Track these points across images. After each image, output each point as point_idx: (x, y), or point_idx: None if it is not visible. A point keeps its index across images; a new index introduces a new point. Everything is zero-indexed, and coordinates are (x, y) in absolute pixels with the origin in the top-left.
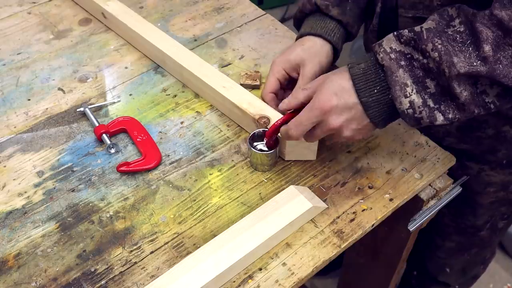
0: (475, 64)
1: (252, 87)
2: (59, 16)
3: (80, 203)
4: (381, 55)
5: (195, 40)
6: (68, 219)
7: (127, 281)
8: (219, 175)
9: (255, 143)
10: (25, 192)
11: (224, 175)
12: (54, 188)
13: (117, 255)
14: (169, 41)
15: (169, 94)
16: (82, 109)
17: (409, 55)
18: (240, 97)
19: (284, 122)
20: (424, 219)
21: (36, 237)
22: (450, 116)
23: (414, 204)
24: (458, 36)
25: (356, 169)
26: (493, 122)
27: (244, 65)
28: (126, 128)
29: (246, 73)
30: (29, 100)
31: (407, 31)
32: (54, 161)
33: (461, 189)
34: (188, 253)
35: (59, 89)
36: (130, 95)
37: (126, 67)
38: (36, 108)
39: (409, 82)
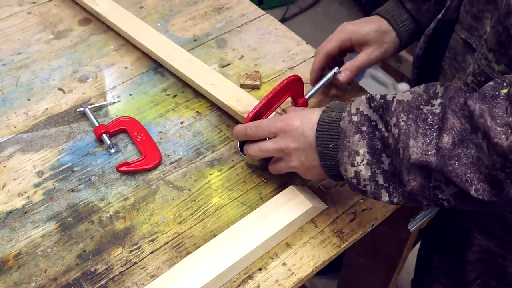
0: (429, 153)
1: (252, 87)
2: (59, 16)
3: (80, 203)
4: (344, 114)
5: (195, 40)
6: (68, 219)
7: (127, 281)
8: (219, 175)
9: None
10: (25, 192)
11: (224, 175)
12: (54, 188)
13: (117, 255)
14: (159, 39)
15: (169, 94)
16: (82, 109)
17: (374, 123)
18: (228, 94)
19: (257, 112)
20: (424, 219)
21: (36, 237)
22: (395, 200)
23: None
24: (430, 117)
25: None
26: None
27: (244, 65)
28: (126, 128)
29: (246, 73)
30: (29, 100)
31: (379, 96)
32: (54, 161)
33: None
34: (188, 253)
35: (59, 89)
36: (130, 95)
37: (126, 67)
38: (36, 108)
39: (362, 151)
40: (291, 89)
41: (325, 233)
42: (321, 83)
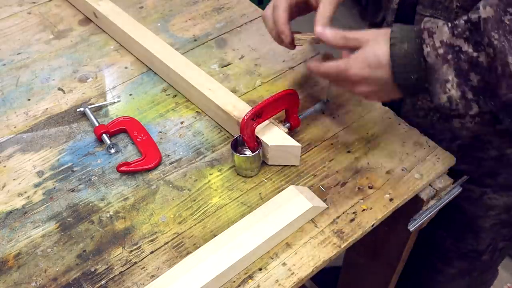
0: None
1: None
2: (59, 16)
3: (80, 203)
4: (428, 49)
5: (195, 40)
6: (68, 219)
7: (127, 281)
8: (219, 175)
9: (240, 148)
10: (25, 192)
11: (224, 175)
12: (54, 188)
13: (117, 255)
14: (158, 42)
15: (169, 94)
16: (82, 109)
17: (458, 48)
18: (225, 99)
19: (254, 115)
20: (424, 219)
21: (36, 237)
22: (484, 109)
23: (414, 204)
24: None
25: (356, 169)
26: (497, 144)
27: (244, 65)
28: (126, 128)
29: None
30: (29, 100)
31: (463, 21)
32: (54, 161)
33: (461, 189)
34: (188, 253)
35: (59, 89)
36: (130, 95)
37: (126, 67)
38: (36, 108)
39: (450, 77)
40: (287, 102)
41: (325, 233)
42: (310, 110)
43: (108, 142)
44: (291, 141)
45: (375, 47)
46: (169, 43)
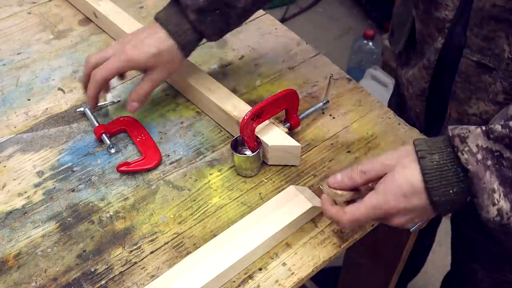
0: None
1: None
2: (59, 16)
3: (80, 203)
4: (466, 155)
5: None
6: (68, 219)
7: (127, 281)
8: (219, 175)
9: (240, 148)
10: (25, 192)
11: (224, 175)
12: (54, 188)
13: (117, 255)
14: None
15: (169, 94)
16: (82, 109)
17: (498, 153)
18: (225, 99)
19: (254, 115)
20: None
21: (36, 237)
22: None
23: None
24: None
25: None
26: None
27: (244, 65)
28: (126, 128)
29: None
30: (29, 100)
31: (500, 126)
32: (54, 161)
33: None
34: (188, 253)
35: (59, 89)
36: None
37: None
38: (36, 108)
39: (495, 186)
40: (287, 102)
41: (325, 233)
42: (310, 110)
43: (108, 142)
44: (291, 141)
45: (404, 172)
46: None
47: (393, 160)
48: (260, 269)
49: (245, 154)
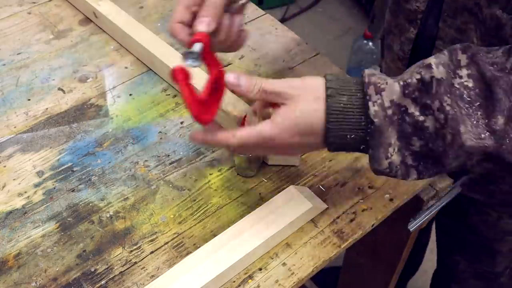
0: (482, 136)
1: None
2: (59, 16)
3: (80, 203)
4: (376, 108)
5: None
6: (68, 219)
7: (127, 281)
8: (219, 175)
9: None
10: (25, 192)
11: (224, 175)
12: (54, 188)
13: (117, 255)
14: (158, 43)
15: (169, 94)
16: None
17: (404, 108)
18: (225, 99)
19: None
20: (424, 219)
21: (36, 237)
22: (424, 176)
23: (414, 204)
24: (465, 92)
25: (356, 169)
26: (510, 180)
27: (244, 65)
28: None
29: None
30: (29, 100)
31: (416, 81)
32: (54, 161)
33: (461, 189)
34: (188, 253)
35: (59, 89)
36: (130, 95)
37: (126, 67)
38: (36, 108)
39: (393, 140)
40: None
41: (325, 233)
42: None
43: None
44: None
45: (307, 109)
46: (169, 43)
47: (299, 90)
48: (260, 269)
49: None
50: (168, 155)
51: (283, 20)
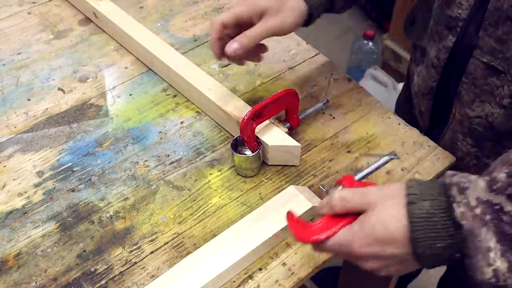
0: None
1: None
2: (59, 16)
3: (80, 203)
4: (462, 209)
5: (195, 40)
6: (68, 219)
7: (127, 281)
8: (219, 175)
9: (240, 148)
10: (25, 192)
11: (224, 175)
12: (54, 188)
13: (117, 255)
14: (158, 43)
15: (169, 94)
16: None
17: (498, 206)
18: (225, 100)
19: (254, 115)
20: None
21: (36, 237)
22: None
23: None
24: None
25: (356, 169)
26: None
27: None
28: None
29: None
30: (29, 100)
31: (504, 174)
32: (54, 161)
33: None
34: (188, 253)
35: (59, 89)
36: (130, 95)
37: (126, 67)
38: (36, 108)
39: (492, 243)
40: (287, 102)
41: None
42: (310, 110)
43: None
44: (291, 141)
45: (385, 216)
46: (169, 43)
47: (377, 197)
48: (260, 269)
49: (245, 154)
50: (168, 155)
51: None
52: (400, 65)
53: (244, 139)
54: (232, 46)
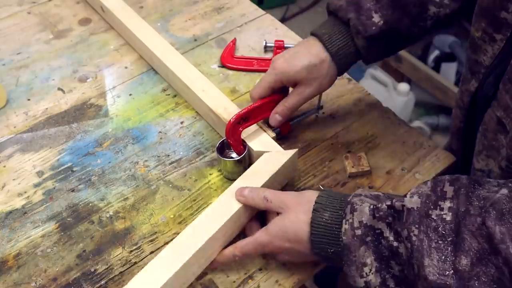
0: (446, 273)
1: (362, 174)
2: (58, 16)
3: (80, 203)
4: (346, 226)
5: (195, 40)
6: (68, 219)
7: (127, 281)
8: (219, 175)
9: (227, 151)
10: (25, 192)
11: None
12: (54, 188)
13: (117, 255)
14: (157, 40)
15: (169, 94)
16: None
17: (379, 231)
18: (217, 102)
19: (240, 119)
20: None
21: (36, 237)
22: None
23: None
24: (441, 225)
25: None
26: None
27: None
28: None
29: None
30: (29, 100)
31: (386, 206)
32: (54, 161)
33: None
34: None
35: (59, 89)
36: (130, 95)
37: (126, 67)
38: (36, 108)
39: (369, 260)
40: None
41: None
42: (302, 116)
43: None
44: (276, 147)
45: (295, 220)
46: (169, 43)
47: (292, 203)
48: (260, 269)
49: (231, 157)
50: (168, 155)
51: (283, 20)
52: (400, 65)
53: (230, 143)
54: (276, 119)
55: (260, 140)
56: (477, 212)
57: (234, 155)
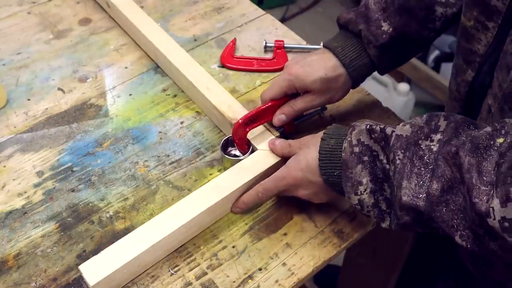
0: (419, 196)
1: None
2: (59, 16)
3: (80, 203)
4: (345, 145)
5: (195, 40)
6: (68, 219)
7: None
8: (219, 175)
9: (230, 149)
10: (25, 192)
11: None
12: (54, 188)
13: None
14: (162, 36)
15: (169, 94)
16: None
17: (375, 153)
18: (221, 99)
19: (248, 120)
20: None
21: (36, 237)
22: (393, 226)
23: None
24: (427, 154)
25: None
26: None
27: None
28: None
29: None
30: (29, 100)
31: (379, 129)
32: (54, 161)
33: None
34: (188, 253)
35: (59, 89)
36: (130, 95)
37: (126, 67)
38: (36, 108)
39: (365, 180)
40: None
41: (325, 233)
42: (306, 116)
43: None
44: None
45: (306, 151)
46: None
47: (307, 140)
48: (260, 269)
49: (234, 155)
50: (168, 155)
51: (283, 20)
52: None
53: (235, 141)
54: (280, 119)
55: (264, 139)
56: (457, 143)
57: (237, 153)
